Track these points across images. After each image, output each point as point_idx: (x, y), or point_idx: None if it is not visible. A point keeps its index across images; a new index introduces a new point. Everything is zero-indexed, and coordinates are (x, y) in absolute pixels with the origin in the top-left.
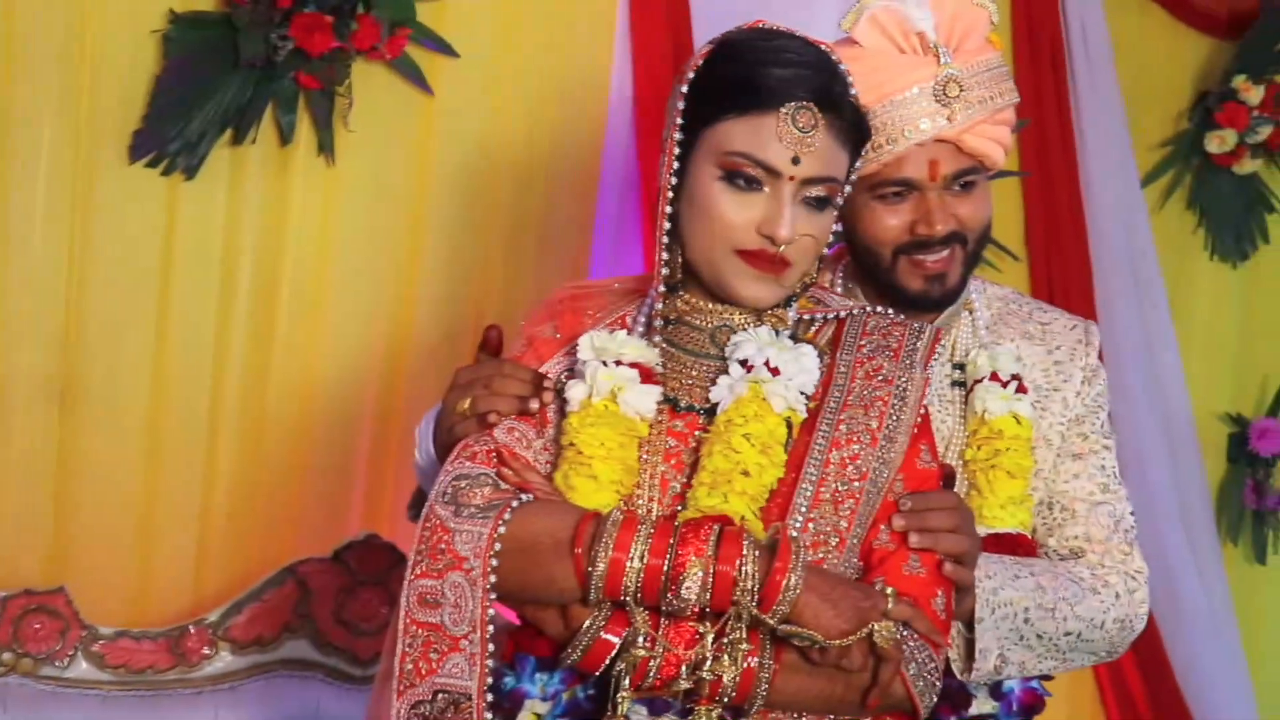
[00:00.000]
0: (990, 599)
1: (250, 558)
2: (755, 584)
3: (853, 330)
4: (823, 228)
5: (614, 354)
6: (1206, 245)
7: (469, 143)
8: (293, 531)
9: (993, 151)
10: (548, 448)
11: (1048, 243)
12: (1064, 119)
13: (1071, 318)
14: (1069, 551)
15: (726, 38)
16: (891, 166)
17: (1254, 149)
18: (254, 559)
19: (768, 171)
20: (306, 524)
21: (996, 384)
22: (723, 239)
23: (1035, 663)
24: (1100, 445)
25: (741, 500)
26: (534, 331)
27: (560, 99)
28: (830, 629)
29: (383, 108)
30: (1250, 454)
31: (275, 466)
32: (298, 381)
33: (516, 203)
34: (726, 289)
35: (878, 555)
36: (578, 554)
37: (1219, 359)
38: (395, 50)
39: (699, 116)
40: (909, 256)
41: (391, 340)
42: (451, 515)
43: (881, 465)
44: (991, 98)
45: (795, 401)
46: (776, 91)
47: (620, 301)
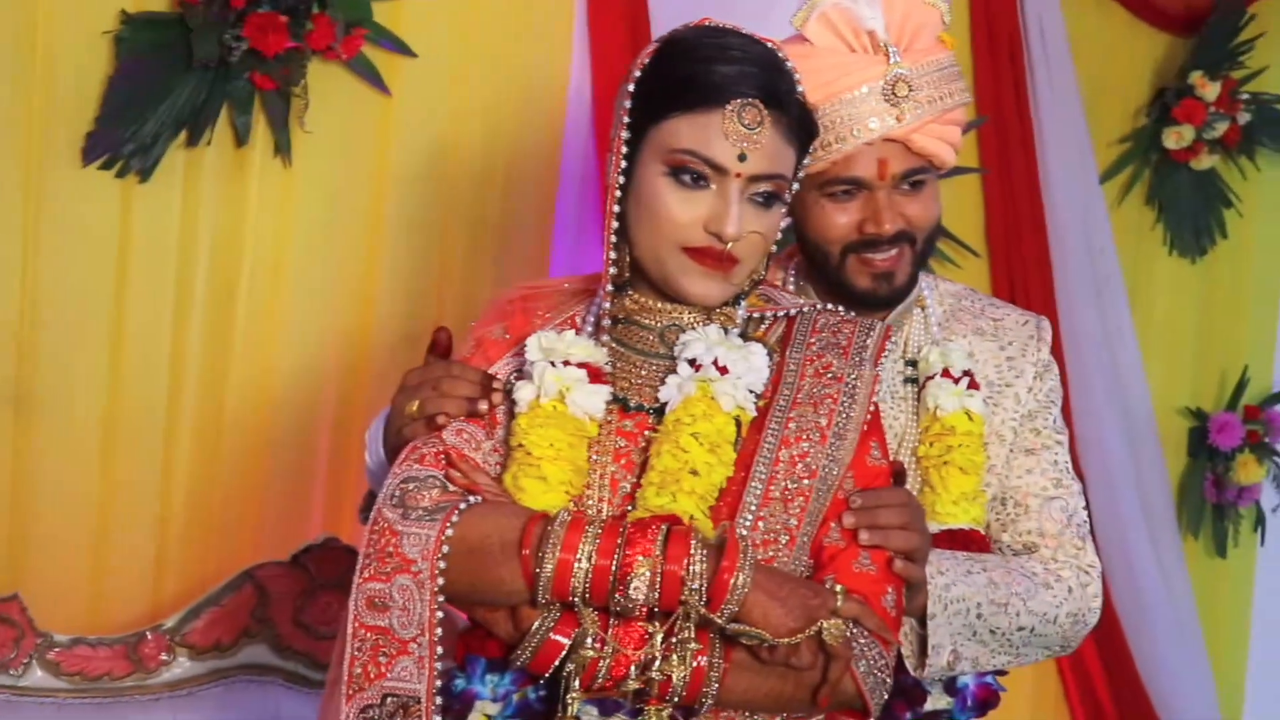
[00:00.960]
0: (943, 595)
1: (209, 562)
2: (703, 583)
3: (803, 328)
4: (770, 225)
5: (562, 354)
6: (1165, 241)
7: (427, 143)
8: (252, 535)
9: (942, 151)
10: (497, 449)
11: (1008, 239)
12: (1023, 116)
13: (1023, 313)
14: (1022, 546)
15: (672, 35)
16: (840, 165)
17: (1211, 145)
18: (213, 563)
19: (714, 168)
20: (266, 528)
21: (949, 380)
22: (670, 236)
23: (989, 658)
24: (1053, 440)
25: (690, 499)
26: (483, 333)
27: (519, 98)
28: (779, 627)
29: (339, 108)
30: (1210, 448)
31: (234, 470)
32: (256, 384)
33: (475, 203)
34: (674, 287)
35: (828, 553)
36: (525, 555)
37: (1178, 354)
38: (351, 50)
39: (645, 114)
40: (858, 255)
41: (350, 342)
42: (399, 518)
43: (831, 463)
44: (941, 98)
45: (744, 400)
46: (722, 88)
47: (570, 301)
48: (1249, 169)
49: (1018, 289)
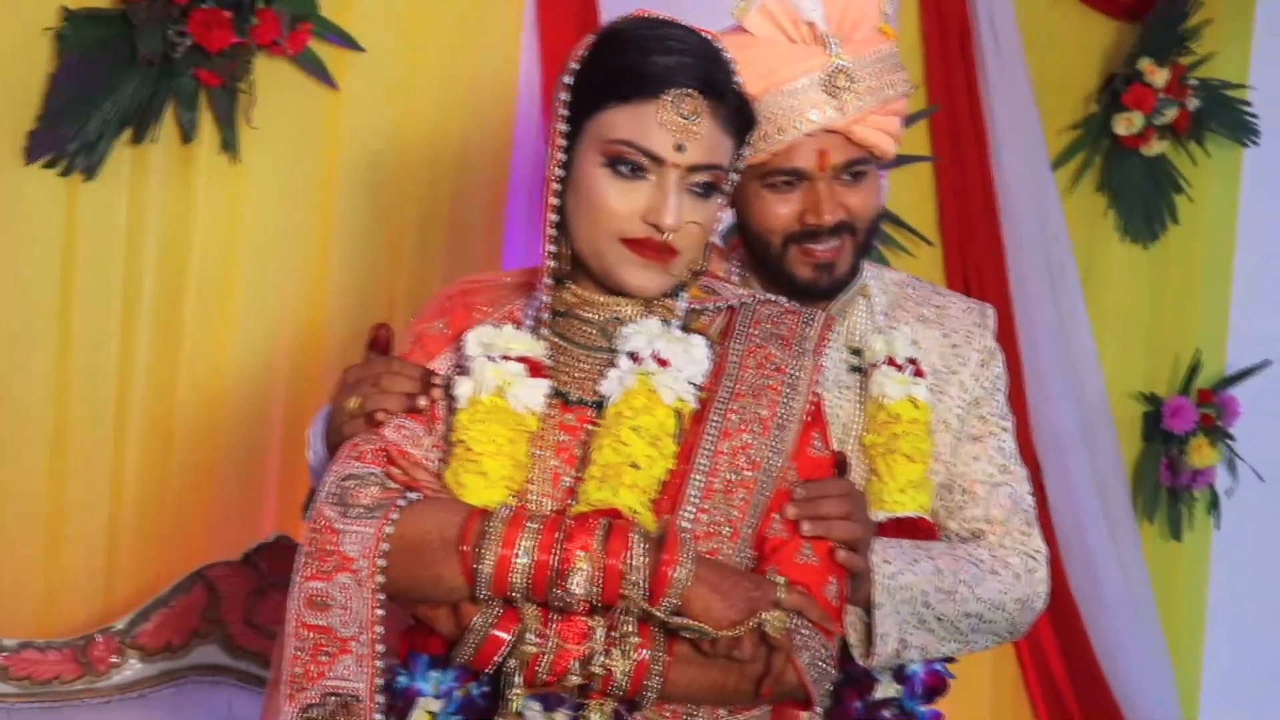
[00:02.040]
0: (889, 584)
1: (161, 563)
2: (643, 577)
3: (744, 319)
4: (709, 215)
5: (501, 349)
6: (1117, 227)
7: (377, 138)
8: (205, 535)
9: (883, 142)
10: (438, 445)
11: (961, 227)
12: (974, 104)
13: (968, 301)
14: (969, 533)
15: (610, 27)
16: (781, 156)
17: (1161, 131)
18: (165, 564)
19: (652, 159)
20: (218, 527)
21: (893, 368)
22: (608, 228)
23: (937, 645)
24: (998, 427)
25: (631, 493)
26: (423, 328)
27: (469, 91)
28: (720, 620)
29: (287, 104)
30: (1164, 432)
31: (185, 470)
32: (206, 383)
33: (426, 198)
34: (614, 278)
35: (771, 544)
36: (465, 552)
37: (1132, 339)
38: (298, 45)
39: (583, 106)
40: (799, 245)
41: (301, 338)
42: (339, 516)
43: (773, 454)
44: (882, 88)
45: (684, 392)
46: (659, 78)
47: (511, 295)
48: (1199, 154)
49: (971, 277)
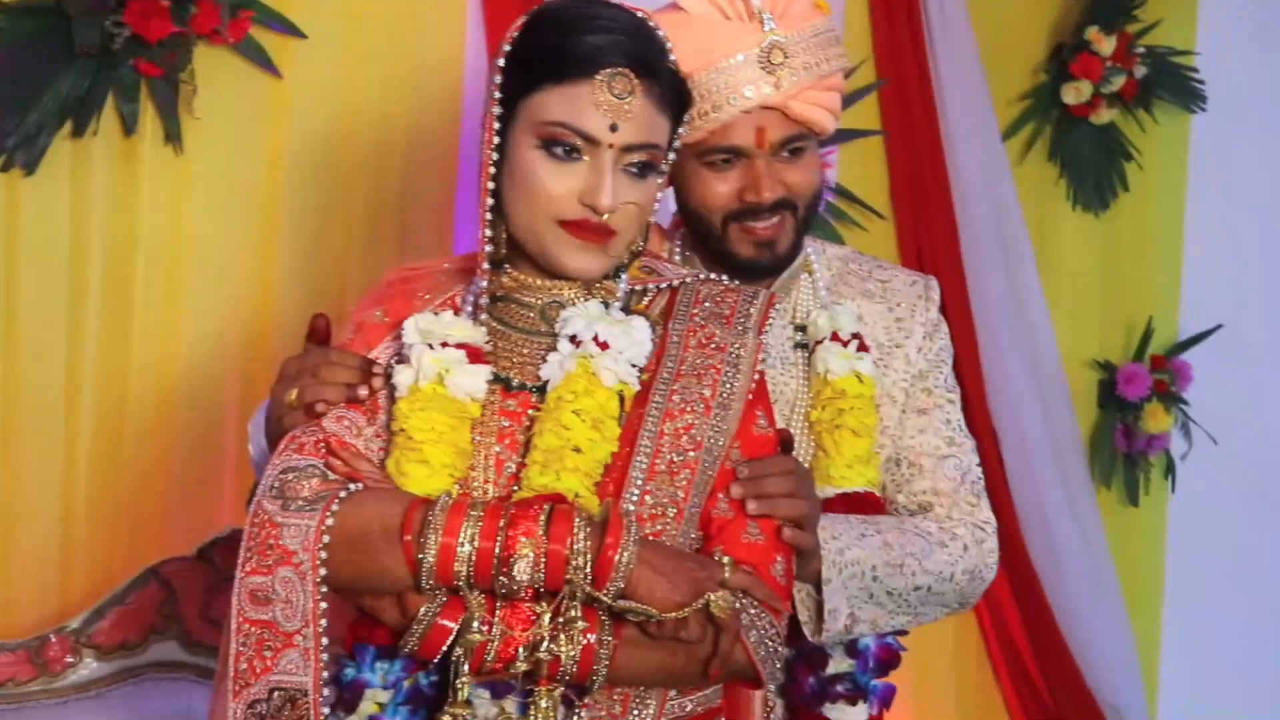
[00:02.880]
0: (837, 559)
1: (116, 560)
2: (587, 561)
3: (686, 299)
4: (646, 195)
5: (440, 336)
6: (1068, 196)
7: (322, 125)
8: (160, 530)
9: (820, 118)
10: (380, 434)
11: (912, 200)
12: (922, 76)
13: (911, 274)
14: (918, 506)
15: (541, 8)
16: (719, 134)
17: (1109, 99)
18: (120, 561)
19: (586, 140)
20: (173, 522)
21: (837, 344)
22: (545, 210)
23: (887, 619)
24: (944, 399)
25: (574, 477)
26: (362, 317)
27: (414, 76)
28: (665, 602)
29: (230, 93)
30: (1119, 399)
31: (137, 465)
32: (156, 377)
33: (374, 184)
34: (552, 261)
35: (717, 524)
36: (407, 541)
37: (1085, 307)
38: (239, 33)
39: (516, 88)
40: (739, 223)
41: (251, 329)
42: (279, 509)
43: (716, 434)
44: (818, 63)
45: (626, 374)
46: (591, 58)
47: (451, 281)
48: (1147, 122)
49: (924, 249)
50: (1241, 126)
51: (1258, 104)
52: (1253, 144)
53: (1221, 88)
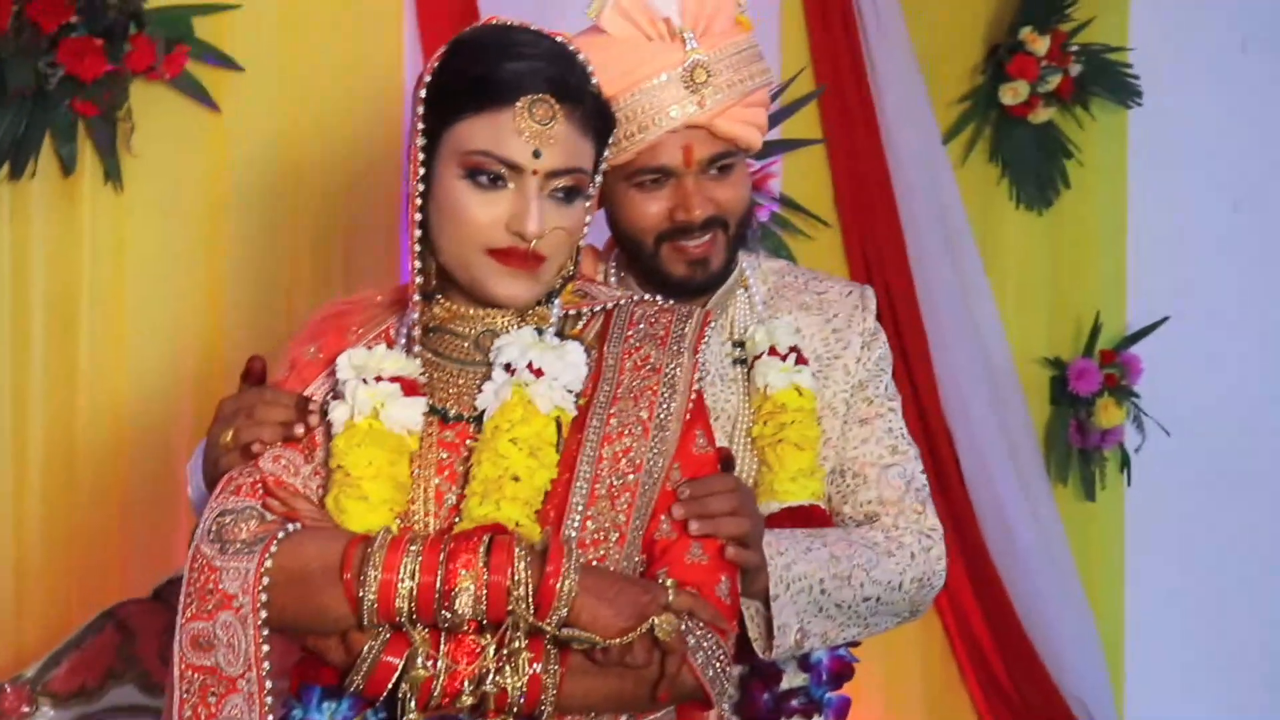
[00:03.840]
0: (784, 575)
1: (72, 605)
2: (529, 591)
3: (620, 321)
4: (574, 219)
5: (373, 370)
6: (1011, 195)
7: (264, 156)
8: (116, 572)
9: (747, 134)
10: (318, 472)
11: (856, 206)
12: (860, 82)
13: (847, 284)
14: (864, 516)
15: (460, 37)
16: (646, 154)
17: (1046, 98)
18: (76, 606)
19: (510, 167)
20: (129, 563)
21: (775, 358)
22: (472, 240)
23: (838, 632)
24: (886, 408)
25: (514, 506)
26: (297, 354)
27: (354, 104)
28: (609, 628)
29: (169, 128)
30: (1071, 395)
31: (90, 508)
32: (106, 418)
33: (320, 214)
34: (483, 290)
35: (660, 546)
36: (347, 579)
37: (1033, 305)
38: (174, 69)
39: (438, 119)
40: (671, 243)
41: (202, 365)
42: (217, 553)
43: (655, 455)
44: (741, 80)
45: (562, 400)
46: (511, 85)
47: (384, 314)
48: (1085, 119)
49: (870, 255)
50: (1177, 119)
51: (1192, 95)
52: (1189, 135)
53: (1155, 82)
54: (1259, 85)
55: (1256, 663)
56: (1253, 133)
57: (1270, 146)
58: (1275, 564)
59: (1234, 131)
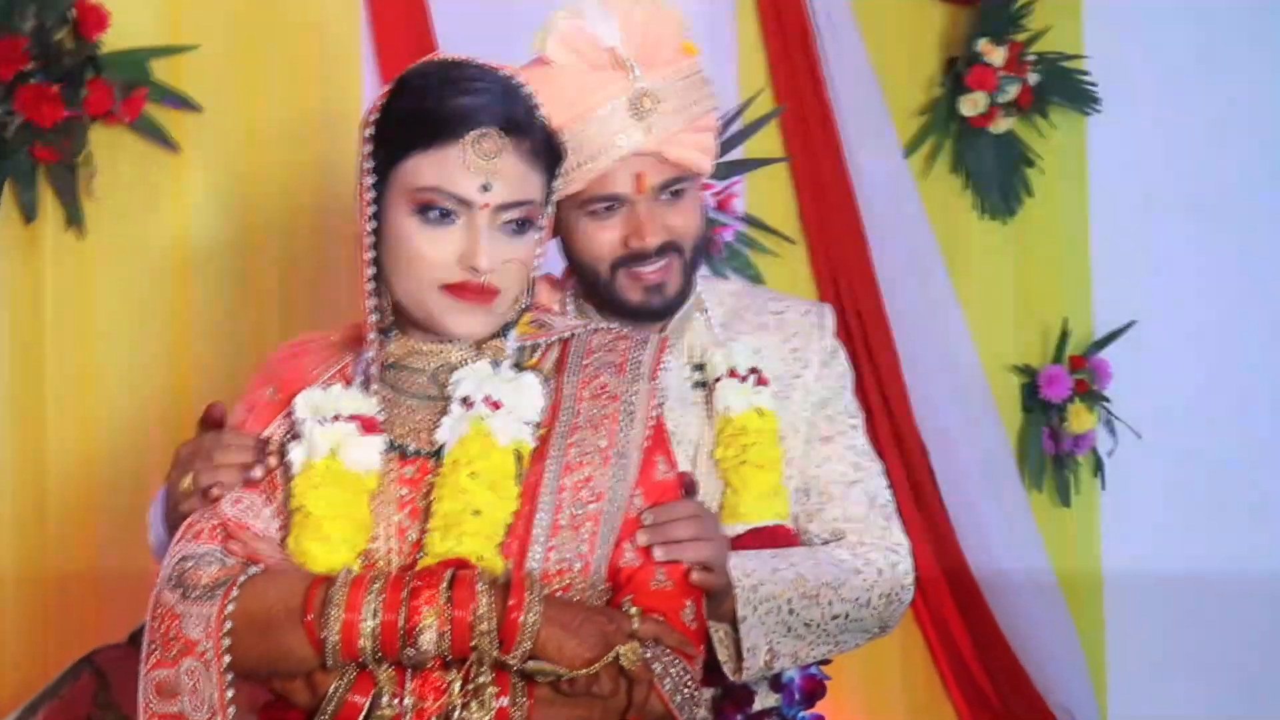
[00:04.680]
0: (751, 596)
1: (49, 653)
2: (492, 626)
3: (577, 350)
4: (526, 251)
5: (331, 410)
6: (974, 205)
7: (227, 196)
8: (93, 617)
9: (697, 159)
10: (279, 513)
11: (821, 222)
12: (820, 99)
13: (805, 303)
14: (830, 534)
15: (405, 74)
16: (598, 183)
17: (1005, 108)
18: (53, 654)
19: (459, 202)
20: (105, 607)
21: (735, 380)
22: (426, 276)
23: (808, 651)
24: (847, 425)
25: (476, 540)
26: (254, 396)
27: (316, 140)
28: (575, 659)
29: (130, 171)
30: (1042, 402)
31: (63, 555)
32: (76, 463)
33: (284, 251)
34: (437, 325)
35: (625, 574)
36: (309, 621)
37: (1001, 314)
38: (133, 112)
39: (386, 156)
40: (627, 270)
41: (170, 407)
42: (179, 599)
43: (617, 483)
44: (688, 106)
45: (520, 432)
46: (457, 121)
47: (340, 352)
48: (1045, 127)
49: (837, 270)
50: (1136, 124)
51: (1149, 99)
52: (1149, 140)
53: (1113, 88)
54: (1214, 89)
55: (1238, 662)
56: (1210, 135)
57: (1228, 148)
58: (1252, 561)
59: (1192, 135)
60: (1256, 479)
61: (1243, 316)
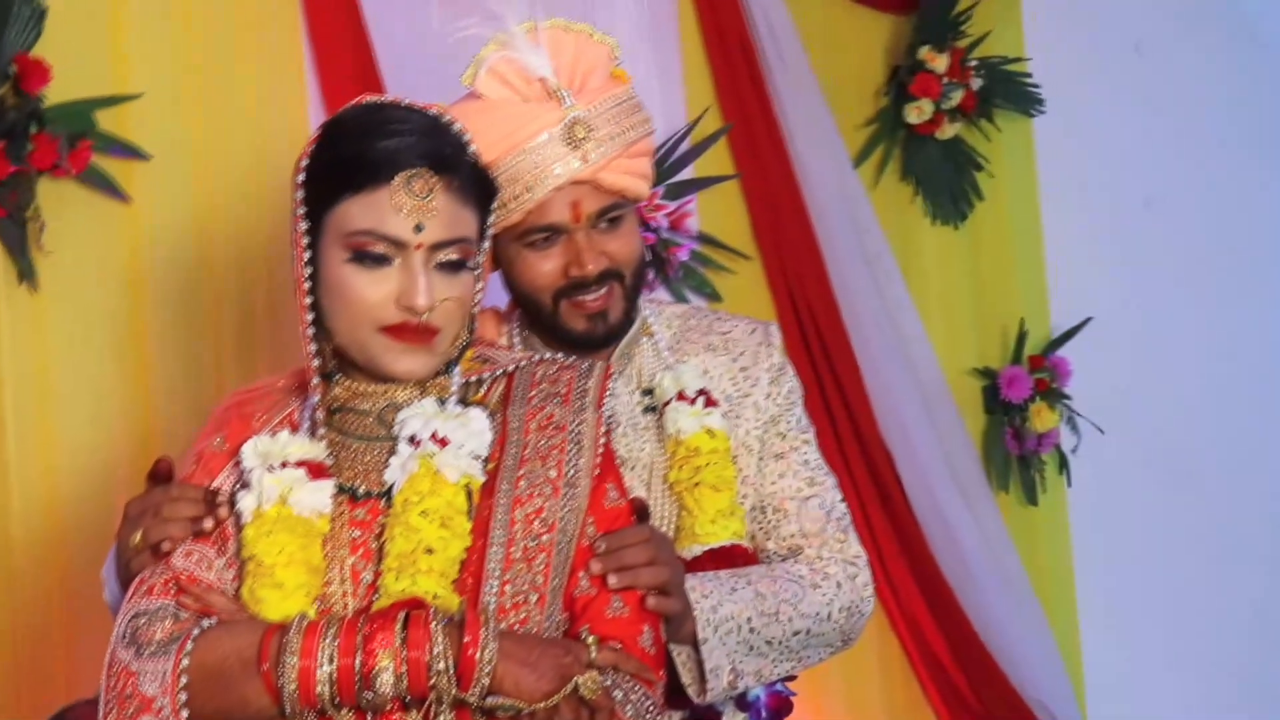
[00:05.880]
0: (710, 617)
1: (23, 708)
2: (449, 664)
3: (522, 382)
4: (463, 289)
5: (278, 456)
6: (926, 212)
7: (180, 242)
8: (63, 671)
9: (633, 185)
10: (232, 564)
11: (775, 237)
12: (767, 115)
13: (751, 322)
14: (788, 550)
15: (332, 119)
16: (535, 214)
17: (951, 114)
18: (27, 709)
19: (393, 244)
20: (77, 661)
21: (685, 403)
22: (365, 319)
23: (771, 668)
24: (799, 441)
25: (430, 578)
26: (202, 447)
27: (267, 181)
28: (534, 693)
29: (80, 223)
30: (1004, 403)
31: (33, 611)
32: (40, 519)
33: (241, 294)
34: (379, 368)
35: (581, 603)
36: (265, 670)
37: (958, 318)
38: (80, 164)
39: (318, 202)
40: (569, 299)
41: (134, 458)
42: (133, 656)
43: (568, 513)
44: (622, 132)
45: (469, 467)
46: (387, 163)
47: (286, 398)
48: (991, 131)
49: (793, 283)
50: (1080, 123)
51: (1092, 99)
52: (1094, 138)
53: (1056, 89)
54: (1155, 84)
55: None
56: (1154, 130)
57: (1173, 141)
58: (1220, 548)
59: (1136, 131)
60: (1220, 467)
61: (1196, 306)
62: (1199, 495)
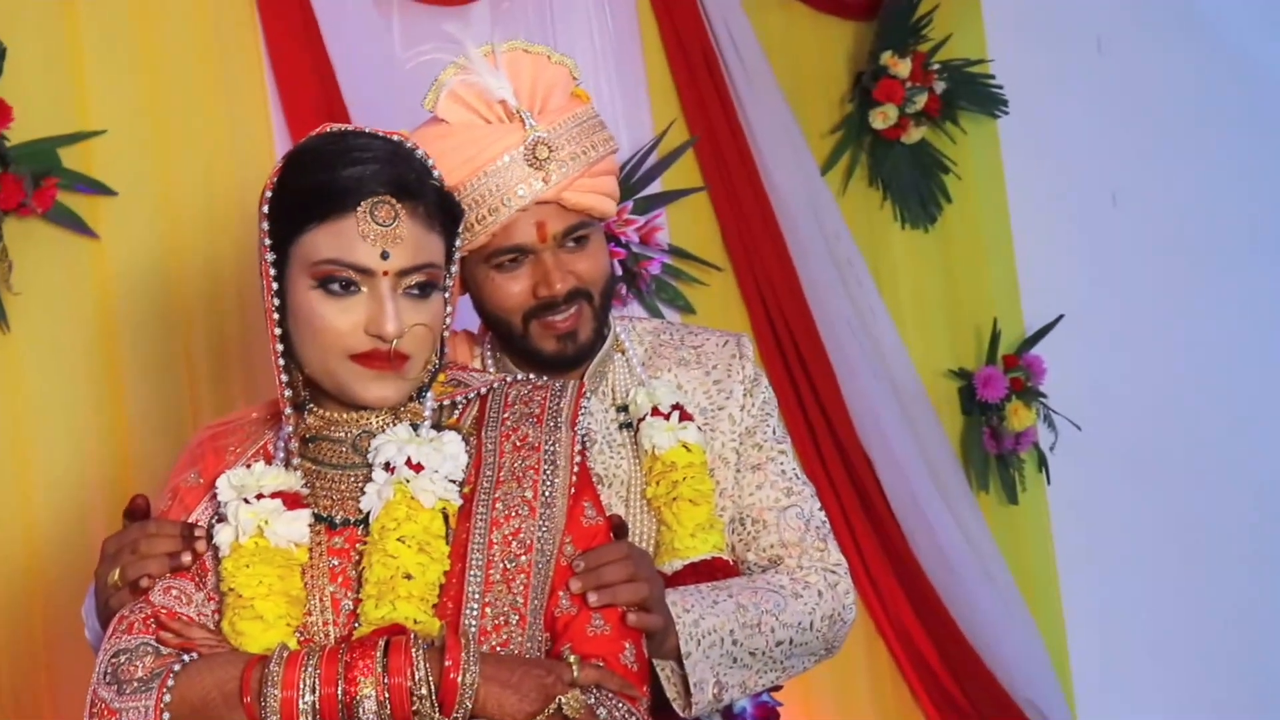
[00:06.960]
0: (693, 631)
1: None
2: (431, 689)
3: (495, 404)
4: (433, 314)
5: (254, 488)
6: (895, 216)
7: (150, 277)
8: (49, 704)
9: (598, 204)
10: (211, 597)
11: (746, 247)
12: (733, 125)
13: (723, 334)
14: (768, 561)
15: (295, 149)
16: (501, 235)
17: (915, 118)
18: None
19: (360, 272)
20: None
21: (659, 418)
22: (334, 348)
23: (755, 679)
24: (776, 451)
25: (410, 604)
26: (178, 482)
27: (234, 212)
28: (517, 714)
29: (49, 262)
30: (981, 403)
31: (13, 647)
32: (20, 557)
33: (213, 326)
34: (350, 395)
35: (562, 622)
36: (248, 703)
37: (931, 320)
38: (46, 202)
39: (284, 232)
40: (538, 319)
41: (111, 493)
42: (115, 695)
43: (545, 533)
44: (584, 152)
45: (445, 492)
46: (350, 191)
47: (260, 430)
48: (956, 133)
49: (765, 292)
50: (1045, 122)
51: (1055, 98)
52: (1059, 137)
53: (1019, 89)
54: (1117, 81)
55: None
56: (1118, 127)
57: (1137, 138)
58: (1200, 539)
59: (1100, 128)
60: (1197, 457)
61: (1168, 300)
62: (1178, 488)
